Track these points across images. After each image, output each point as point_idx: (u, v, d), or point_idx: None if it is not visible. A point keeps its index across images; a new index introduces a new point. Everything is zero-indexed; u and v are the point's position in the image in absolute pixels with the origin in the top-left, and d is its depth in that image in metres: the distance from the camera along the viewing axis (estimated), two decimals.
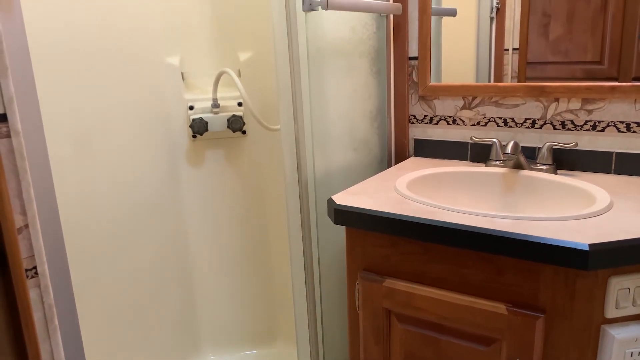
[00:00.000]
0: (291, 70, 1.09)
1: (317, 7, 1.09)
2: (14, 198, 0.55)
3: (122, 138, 1.50)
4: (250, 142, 1.73)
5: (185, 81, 1.64)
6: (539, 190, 1.13)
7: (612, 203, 0.96)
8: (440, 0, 1.33)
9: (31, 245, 0.58)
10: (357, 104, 1.33)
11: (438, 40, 1.35)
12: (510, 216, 0.91)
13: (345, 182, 1.31)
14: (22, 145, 0.56)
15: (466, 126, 1.34)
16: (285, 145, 1.12)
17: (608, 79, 1.14)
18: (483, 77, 1.30)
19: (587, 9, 1.14)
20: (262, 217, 1.81)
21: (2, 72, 0.54)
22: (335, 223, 1.04)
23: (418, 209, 0.97)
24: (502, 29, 1.25)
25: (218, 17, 1.63)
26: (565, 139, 1.21)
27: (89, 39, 1.39)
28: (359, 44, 1.32)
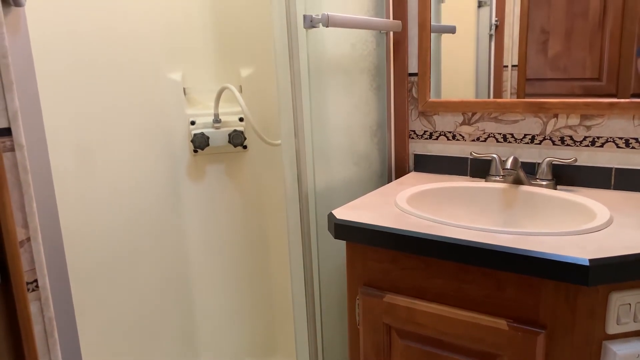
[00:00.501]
0: (292, 85, 1.11)
1: (318, 25, 1.10)
2: (16, 211, 0.56)
3: (123, 152, 1.51)
4: (251, 157, 1.74)
5: (187, 96, 1.65)
6: (538, 205, 1.14)
7: (612, 218, 0.96)
8: (439, 18, 1.34)
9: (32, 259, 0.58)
10: (357, 119, 1.34)
11: (437, 57, 1.36)
12: (510, 231, 0.91)
13: (346, 196, 1.31)
14: (26, 159, 0.57)
15: (466, 141, 1.34)
16: (286, 160, 1.13)
17: (607, 96, 1.15)
18: (482, 93, 1.31)
19: (585, 27, 1.16)
20: (262, 232, 1.81)
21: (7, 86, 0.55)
22: (336, 237, 1.04)
23: (418, 224, 0.98)
24: (501, 46, 1.27)
25: (220, 33, 1.65)
26: (564, 154, 1.22)
27: (93, 54, 1.41)
28: (359, 60, 1.33)
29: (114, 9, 1.44)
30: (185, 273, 1.73)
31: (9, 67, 0.55)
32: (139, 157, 1.55)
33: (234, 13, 1.65)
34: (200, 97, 1.67)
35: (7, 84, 0.55)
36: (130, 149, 1.53)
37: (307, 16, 1.10)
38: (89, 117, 1.42)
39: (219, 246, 1.76)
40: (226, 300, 1.81)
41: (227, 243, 1.77)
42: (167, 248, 1.66)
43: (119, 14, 1.45)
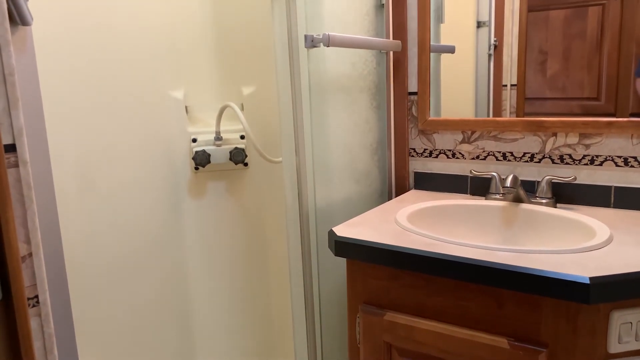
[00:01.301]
0: (293, 104, 1.12)
1: (319, 44, 1.12)
2: (18, 226, 0.56)
3: (124, 169, 1.52)
4: (252, 174, 1.75)
5: (189, 114, 1.66)
6: (538, 223, 1.14)
7: (612, 236, 0.96)
8: (438, 38, 1.36)
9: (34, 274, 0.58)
10: (357, 137, 1.35)
11: (437, 76, 1.38)
12: (510, 249, 0.91)
13: (346, 214, 1.32)
14: (29, 175, 0.57)
15: (466, 160, 1.35)
16: (286, 177, 1.13)
17: (606, 115, 1.16)
18: (482, 112, 1.32)
19: (583, 47, 1.17)
20: (262, 249, 1.80)
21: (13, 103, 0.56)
22: (336, 255, 1.04)
23: (419, 241, 0.98)
24: (500, 66, 1.28)
25: (222, 52, 1.67)
26: (563, 172, 1.22)
27: (96, 71, 1.42)
28: (360, 79, 1.35)
29: (117, 28, 1.46)
30: (185, 290, 1.72)
31: (15, 84, 0.56)
32: (140, 174, 1.56)
33: (237, 32, 1.67)
34: (202, 115, 1.69)
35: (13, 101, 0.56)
36: (132, 166, 1.53)
37: (308, 36, 1.12)
38: (91, 134, 1.43)
39: (219, 263, 1.76)
40: (226, 317, 1.80)
41: (227, 260, 1.76)
42: (167, 265, 1.66)
43: (123, 32, 1.47)
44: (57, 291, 0.64)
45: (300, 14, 1.11)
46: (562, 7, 1.18)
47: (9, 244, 0.52)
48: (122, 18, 1.47)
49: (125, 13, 1.47)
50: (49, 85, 1.34)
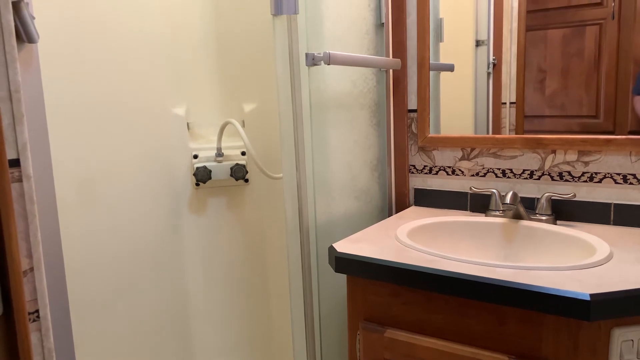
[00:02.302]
0: (294, 120, 1.13)
1: (320, 62, 1.13)
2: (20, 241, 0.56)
3: (125, 185, 1.52)
4: (253, 191, 1.75)
5: (190, 131, 1.68)
6: (538, 240, 1.14)
7: (612, 253, 0.96)
8: (438, 56, 1.38)
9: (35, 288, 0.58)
10: (358, 154, 1.36)
11: (436, 94, 1.39)
12: (511, 265, 0.91)
13: (347, 230, 1.32)
14: (33, 190, 0.58)
15: (465, 176, 1.36)
16: (287, 193, 1.14)
17: (604, 133, 1.17)
18: (481, 129, 1.33)
19: (581, 66, 1.18)
20: (263, 265, 1.80)
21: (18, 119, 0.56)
22: (337, 271, 1.04)
23: (419, 258, 0.98)
24: (499, 84, 1.29)
25: (224, 69, 1.69)
26: (563, 189, 1.23)
27: (98, 87, 1.44)
28: (360, 97, 1.36)
29: (120, 45, 1.48)
30: (184, 305, 1.72)
31: (20, 100, 0.56)
32: (141, 189, 1.56)
33: (238, 50, 1.69)
34: (203, 131, 1.70)
35: (18, 116, 0.56)
36: (133, 181, 1.54)
37: (309, 54, 1.13)
38: (93, 149, 1.44)
39: (219, 279, 1.75)
40: (225, 333, 1.78)
41: (227, 276, 1.76)
42: (167, 281, 1.65)
43: (126, 49, 1.49)
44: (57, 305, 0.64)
45: (301, 33, 1.12)
46: (559, 27, 1.20)
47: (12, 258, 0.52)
48: (125, 35, 1.49)
49: (128, 30, 1.49)
50: (51, 100, 1.35)
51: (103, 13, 1.43)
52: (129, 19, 1.49)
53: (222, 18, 1.67)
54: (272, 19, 1.08)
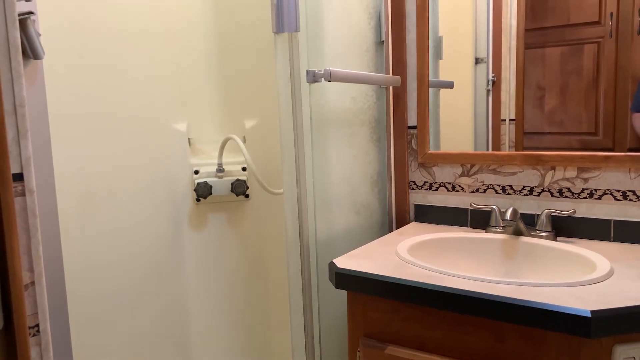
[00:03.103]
0: (295, 136, 1.13)
1: (321, 79, 1.14)
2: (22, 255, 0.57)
3: (126, 200, 1.53)
4: (253, 206, 1.75)
5: (191, 146, 1.69)
6: (539, 256, 1.14)
7: (613, 270, 0.96)
8: (437, 74, 1.39)
9: (35, 303, 0.58)
10: (358, 170, 1.36)
11: (436, 111, 1.40)
12: (511, 282, 0.91)
13: (347, 245, 1.32)
14: (35, 204, 0.58)
15: (465, 193, 1.36)
16: (287, 209, 1.14)
17: (604, 150, 1.17)
18: (481, 145, 1.34)
19: (580, 84, 1.19)
20: (262, 281, 1.79)
21: (22, 134, 0.57)
22: (337, 287, 1.04)
23: (419, 274, 0.98)
24: (498, 101, 1.30)
25: (226, 85, 1.71)
26: (563, 206, 1.23)
27: (102, 104, 1.45)
28: (360, 113, 1.37)
29: (123, 60, 1.49)
30: (184, 321, 1.71)
31: (25, 115, 0.57)
32: (141, 205, 1.56)
33: (240, 66, 1.71)
34: (204, 147, 1.71)
35: (23, 131, 0.57)
36: (134, 196, 1.54)
37: (310, 71, 1.15)
38: (95, 165, 1.45)
39: (219, 295, 1.74)
40: (226, 349, 1.77)
41: (227, 292, 1.75)
42: (167, 296, 1.65)
43: (128, 65, 1.51)
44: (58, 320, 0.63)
45: (302, 50, 1.14)
46: (558, 45, 1.21)
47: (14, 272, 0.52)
48: (128, 52, 1.50)
49: (131, 47, 1.51)
50: (54, 115, 1.36)
51: (107, 30, 1.45)
52: (132, 37, 1.51)
53: (224, 35, 1.69)
54: (273, 36, 1.10)
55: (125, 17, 1.49)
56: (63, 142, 1.38)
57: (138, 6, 1.51)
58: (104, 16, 1.44)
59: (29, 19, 0.84)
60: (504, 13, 1.27)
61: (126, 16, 1.49)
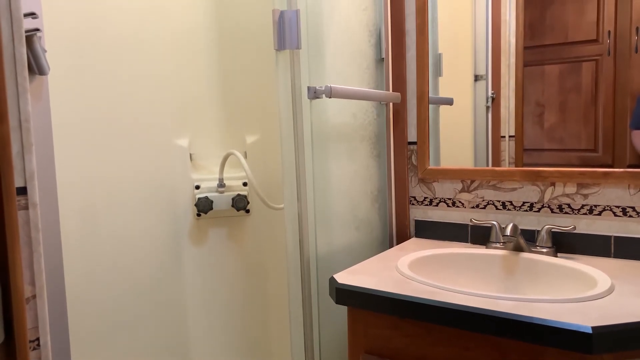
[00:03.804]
0: (296, 152, 1.14)
1: (321, 96, 1.15)
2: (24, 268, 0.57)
3: (128, 215, 1.53)
4: (254, 221, 1.75)
5: (193, 162, 1.69)
6: (539, 272, 1.14)
7: (614, 286, 0.96)
8: (437, 90, 1.40)
9: (36, 316, 0.58)
10: (358, 185, 1.37)
11: (436, 127, 1.41)
12: (512, 297, 0.91)
13: (347, 261, 1.32)
14: (38, 218, 0.58)
15: (465, 208, 1.36)
16: (288, 224, 1.14)
17: (603, 167, 1.18)
18: (481, 161, 1.34)
19: (579, 100, 1.20)
20: (263, 297, 1.78)
21: (27, 148, 0.58)
22: (337, 303, 1.04)
23: (420, 289, 0.97)
24: (498, 117, 1.31)
25: (227, 102, 1.72)
26: (563, 222, 1.23)
27: (104, 119, 1.46)
28: (360, 129, 1.38)
29: (125, 77, 1.51)
30: (184, 337, 1.70)
31: (30, 130, 0.58)
32: (142, 219, 1.57)
33: (241, 82, 1.72)
34: (206, 162, 1.72)
35: (27, 145, 0.58)
36: (135, 211, 1.55)
37: (311, 88, 1.16)
38: (96, 180, 1.46)
39: (219, 310, 1.74)
40: None
41: (227, 307, 1.74)
42: (167, 310, 1.64)
43: (131, 80, 1.52)
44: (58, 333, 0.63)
45: (303, 67, 1.15)
46: (556, 62, 1.23)
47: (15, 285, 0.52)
48: (131, 68, 1.52)
49: (134, 63, 1.53)
50: (57, 130, 1.37)
51: (110, 47, 1.47)
52: (134, 54, 1.52)
53: (226, 51, 1.71)
54: (275, 53, 1.11)
55: (128, 35, 1.51)
56: (66, 156, 1.39)
57: (140, 24, 1.53)
58: (107, 34, 1.46)
59: (35, 35, 0.85)
60: (502, 31, 1.28)
61: (129, 34, 1.51)
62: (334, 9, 1.25)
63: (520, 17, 1.26)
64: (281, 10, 1.10)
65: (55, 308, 0.65)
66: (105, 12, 1.45)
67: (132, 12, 1.51)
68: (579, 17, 1.19)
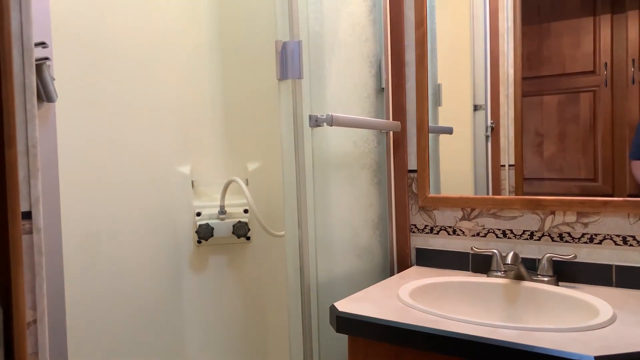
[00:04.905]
0: (297, 179, 1.15)
1: (323, 124, 1.17)
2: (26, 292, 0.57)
3: (128, 240, 1.53)
4: (254, 249, 1.75)
5: (194, 189, 1.70)
6: (541, 301, 1.13)
7: (615, 316, 0.96)
8: (437, 119, 1.42)
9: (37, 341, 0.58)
10: (359, 213, 1.37)
11: (436, 155, 1.42)
12: (514, 326, 0.90)
13: (348, 289, 1.31)
14: (42, 242, 0.59)
15: (466, 237, 1.36)
16: (289, 251, 1.14)
17: (604, 196, 1.18)
18: (481, 190, 1.35)
19: (577, 130, 1.22)
20: (262, 325, 1.77)
21: (33, 173, 0.59)
22: (338, 331, 1.03)
23: (422, 318, 0.97)
24: (497, 147, 1.32)
25: (229, 129, 1.74)
26: (564, 251, 1.23)
27: (108, 146, 1.48)
28: (361, 157, 1.39)
29: (129, 105, 1.53)
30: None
31: (37, 156, 0.59)
32: (144, 245, 1.57)
33: (243, 111, 1.75)
34: (207, 189, 1.73)
35: (33, 171, 0.59)
36: (136, 237, 1.55)
37: (312, 116, 1.18)
38: (98, 205, 1.46)
39: (218, 338, 1.72)
40: None
41: (227, 335, 1.73)
42: (167, 338, 1.62)
43: (135, 108, 1.54)
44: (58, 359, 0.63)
45: (305, 96, 1.17)
46: (555, 93, 1.24)
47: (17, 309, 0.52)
48: (135, 95, 1.54)
49: (138, 91, 1.55)
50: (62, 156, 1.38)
51: (115, 77, 1.49)
52: (138, 83, 1.55)
53: (229, 80, 1.74)
54: (277, 82, 1.13)
55: (132, 63, 1.54)
56: (69, 181, 1.40)
57: (144, 53, 1.57)
58: (112, 64, 1.49)
59: (45, 64, 0.87)
60: (501, 62, 1.31)
61: (133, 63, 1.54)
62: (335, 40, 1.28)
63: (518, 48, 1.28)
64: (284, 41, 1.13)
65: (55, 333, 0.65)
66: (110, 41, 1.48)
67: (136, 41, 1.54)
68: (575, 49, 1.21)
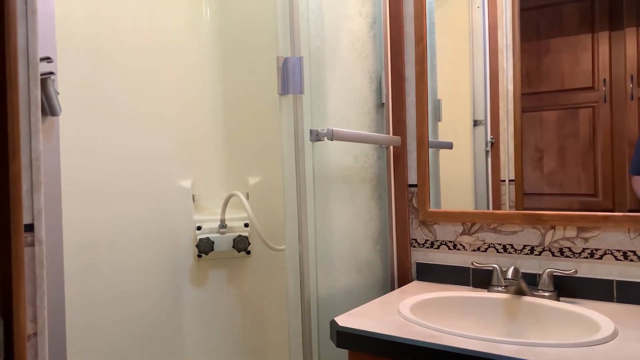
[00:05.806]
0: (297, 193, 1.15)
1: (323, 138, 1.18)
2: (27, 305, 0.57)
3: (128, 253, 1.53)
4: (254, 263, 1.75)
5: (195, 203, 1.71)
6: (542, 316, 1.13)
7: (617, 331, 0.95)
8: (437, 134, 1.43)
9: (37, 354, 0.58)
10: (359, 227, 1.37)
11: (436, 170, 1.43)
12: (516, 342, 0.90)
13: (348, 304, 1.31)
14: (44, 254, 0.59)
15: (467, 251, 1.36)
16: (289, 265, 1.14)
17: (604, 211, 1.18)
18: (481, 205, 1.35)
19: (577, 146, 1.22)
20: (262, 339, 1.75)
21: (36, 186, 0.59)
22: (338, 346, 1.02)
23: (422, 333, 0.96)
24: (497, 162, 1.33)
25: (230, 144, 1.75)
26: (564, 265, 1.23)
27: (110, 160, 1.49)
28: (361, 171, 1.40)
29: (131, 119, 1.54)
30: None
31: (40, 169, 0.59)
32: (144, 259, 1.56)
33: (244, 125, 1.76)
34: (208, 203, 1.73)
35: (36, 184, 0.59)
36: (137, 251, 1.55)
37: (313, 130, 1.18)
38: (99, 219, 1.46)
39: (219, 353, 1.70)
40: None
41: (226, 350, 1.71)
42: (166, 352, 1.61)
43: (136, 123, 1.55)
44: None
45: (306, 111, 1.18)
46: (554, 109, 1.25)
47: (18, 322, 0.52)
48: (137, 110, 1.56)
49: (140, 105, 1.56)
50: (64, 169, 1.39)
51: (117, 91, 1.51)
52: (140, 97, 1.57)
53: (230, 95, 1.75)
54: (278, 98, 1.14)
55: (134, 78, 1.55)
56: (71, 194, 1.40)
57: (146, 68, 1.58)
58: (114, 79, 1.50)
59: (49, 78, 0.88)
60: (500, 78, 1.32)
61: (135, 78, 1.55)
62: (336, 56, 1.30)
63: (517, 65, 1.29)
64: (285, 57, 1.14)
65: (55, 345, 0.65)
66: (113, 57, 1.50)
67: (138, 57, 1.56)
68: (574, 66, 1.22)
